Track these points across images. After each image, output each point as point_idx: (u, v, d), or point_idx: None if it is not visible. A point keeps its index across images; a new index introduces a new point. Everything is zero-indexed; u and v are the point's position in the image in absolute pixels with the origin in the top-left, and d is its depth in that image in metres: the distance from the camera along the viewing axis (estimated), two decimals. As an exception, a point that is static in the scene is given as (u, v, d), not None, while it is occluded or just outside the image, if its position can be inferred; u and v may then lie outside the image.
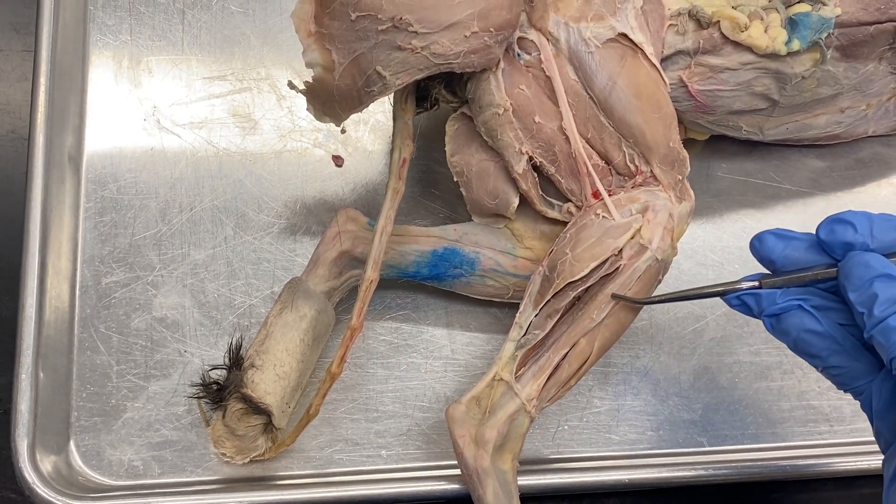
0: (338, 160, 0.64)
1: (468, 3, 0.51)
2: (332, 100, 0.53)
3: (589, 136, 0.55)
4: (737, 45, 0.56)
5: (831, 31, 0.56)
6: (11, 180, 0.64)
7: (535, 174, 0.57)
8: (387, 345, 0.61)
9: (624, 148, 0.55)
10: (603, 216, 0.54)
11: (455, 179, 0.58)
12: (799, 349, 0.47)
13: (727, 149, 0.66)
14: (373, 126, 0.66)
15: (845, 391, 0.47)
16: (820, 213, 0.65)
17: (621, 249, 0.52)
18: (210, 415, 0.56)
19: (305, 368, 0.56)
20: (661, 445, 0.60)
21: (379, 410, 0.60)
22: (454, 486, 0.56)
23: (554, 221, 0.58)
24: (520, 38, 0.55)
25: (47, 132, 0.60)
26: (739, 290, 0.48)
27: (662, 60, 0.57)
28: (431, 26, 0.50)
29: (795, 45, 0.56)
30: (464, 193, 0.58)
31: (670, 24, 0.57)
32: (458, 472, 0.54)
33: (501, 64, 0.54)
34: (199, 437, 0.58)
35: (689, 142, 0.64)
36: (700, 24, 0.57)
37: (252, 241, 0.63)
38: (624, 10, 0.55)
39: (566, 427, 0.60)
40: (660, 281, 0.54)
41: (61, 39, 0.63)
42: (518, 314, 0.54)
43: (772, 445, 0.61)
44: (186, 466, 0.58)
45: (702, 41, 0.56)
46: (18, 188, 0.61)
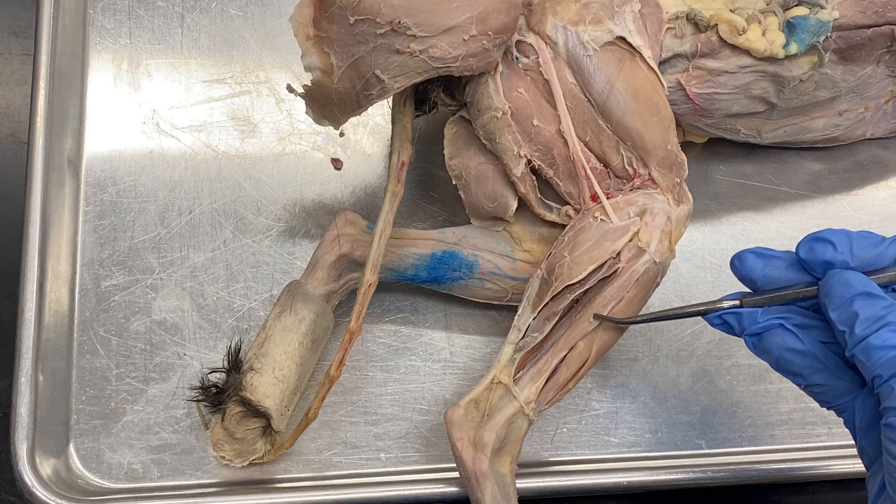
0: (337, 163, 0.65)
1: (466, 7, 0.51)
2: (330, 103, 0.53)
3: (587, 140, 0.55)
4: (735, 48, 0.56)
5: (829, 34, 0.56)
6: (11, 184, 0.64)
7: (534, 177, 0.57)
8: (386, 348, 0.61)
9: (622, 151, 0.55)
10: (601, 219, 0.54)
11: (454, 182, 0.58)
12: (781, 368, 0.47)
13: (725, 151, 0.66)
14: (372, 129, 0.66)
15: (828, 408, 0.47)
16: (818, 216, 0.66)
17: (619, 252, 0.52)
18: (209, 418, 0.56)
19: (304, 371, 0.56)
20: (659, 448, 0.60)
21: (378, 413, 0.60)
22: (453, 488, 0.56)
23: (552, 224, 0.58)
24: (518, 42, 0.55)
25: (46, 136, 0.60)
26: (721, 309, 0.48)
27: (660, 64, 0.57)
28: (430, 30, 0.50)
29: (793, 48, 0.56)
30: (462, 196, 0.58)
31: (668, 28, 0.57)
32: (457, 475, 0.54)
33: (500, 67, 0.54)
34: (198, 441, 0.58)
35: (688, 144, 0.64)
36: (698, 28, 0.57)
37: (251, 244, 0.63)
38: (622, 14, 0.55)
39: (565, 430, 0.60)
40: (658, 284, 0.54)
41: (61, 43, 0.63)
42: (516, 317, 0.54)
43: (770, 448, 0.61)
44: (186, 469, 0.58)
45: (700, 45, 0.56)
46: (18, 192, 0.61)
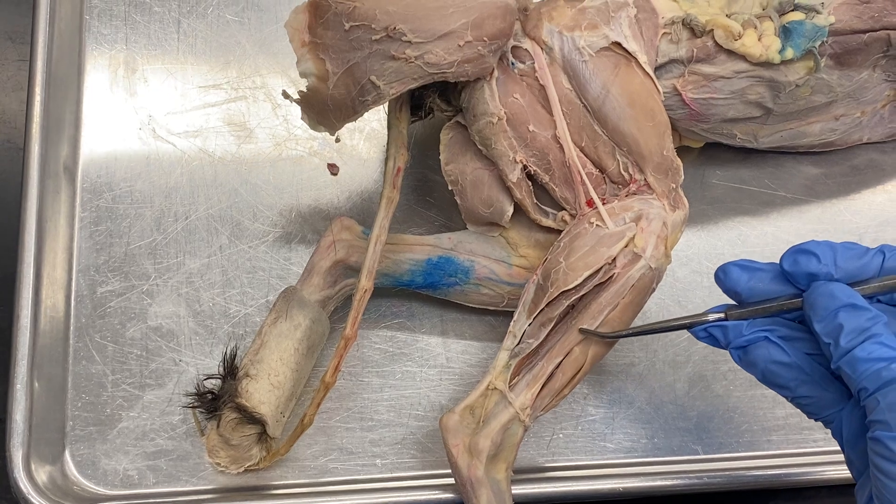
0: (333, 168, 0.64)
1: (462, 13, 0.51)
2: (326, 109, 0.53)
3: (583, 145, 0.55)
4: (731, 53, 0.56)
5: (825, 39, 0.56)
6: (6, 190, 0.64)
7: (530, 183, 0.57)
8: (381, 353, 0.61)
9: (618, 156, 0.55)
10: (597, 224, 0.54)
11: (450, 188, 0.58)
12: (767, 380, 0.47)
13: (722, 156, 0.66)
14: (368, 134, 0.66)
15: (815, 420, 0.47)
16: (815, 221, 0.66)
17: (615, 258, 0.52)
18: (205, 424, 0.56)
19: (300, 378, 0.56)
20: (656, 453, 0.60)
21: (374, 419, 0.60)
22: (448, 495, 0.56)
23: (548, 230, 0.58)
24: (514, 47, 0.55)
25: (42, 142, 0.60)
26: (706, 322, 0.48)
27: (656, 69, 0.57)
28: (425, 36, 0.50)
29: (789, 53, 0.56)
30: (458, 202, 0.58)
31: (664, 33, 0.57)
32: (453, 481, 0.54)
33: (495, 73, 0.54)
34: (193, 447, 0.58)
35: (684, 149, 0.64)
36: (694, 33, 0.57)
37: (247, 249, 0.62)
38: (618, 19, 0.55)
39: (561, 435, 0.60)
40: (654, 290, 0.54)
41: (57, 49, 0.63)
42: (512, 323, 0.54)
43: (767, 453, 0.61)
44: (181, 476, 0.58)
45: (696, 50, 0.56)
46: (13, 198, 0.61)
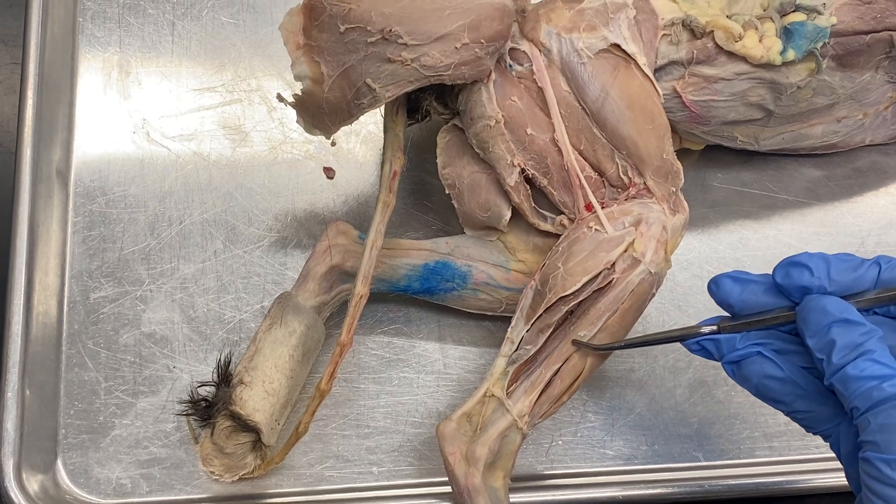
0: (329, 172, 0.64)
1: (459, 15, 0.50)
2: (321, 112, 0.52)
3: (581, 148, 0.55)
4: (731, 55, 0.56)
5: (827, 40, 0.56)
6: (-2, 194, 0.63)
7: (528, 186, 0.56)
8: (378, 359, 0.61)
9: (617, 160, 0.54)
10: (596, 229, 0.53)
11: (447, 192, 0.58)
12: (762, 395, 0.46)
13: (723, 159, 0.66)
14: (364, 137, 0.65)
15: (813, 433, 0.46)
16: (817, 224, 0.65)
17: (614, 263, 0.52)
18: (199, 432, 0.56)
19: (295, 385, 0.56)
20: (656, 460, 0.60)
21: (370, 426, 0.59)
22: (446, 503, 0.56)
23: (547, 234, 0.57)
24: (511, 49, 0.54)
25: (35, 145, 0.60)
26: (699, 335, 0.47)
27: (656, 71, 0.56)
28: (421, 38, 0.50)
29: (790, 54, 0.55)
30: (456, 206, 0.58)
31: (664, 35, 0.56)
32: (450, 489, 0.53)
33: (493, 75, 0.54)
34: (187, 455, 0.58)
35: (685, 152, 0.64)
36: (694, 34, 0.56)
37: (242, 254, 0.62)
38: (617, 21, 0.54)
39: (560, 442, 0.60)
40: (653, 295, 0.53)
41: (49, 52, 0.63)
42: (510, 329, 0.54)
43: (768, 460, 0.60)
44: (175, 484, 0.57)
45: (696, 51, 0.56)
46: (5, 202, 0.60)
